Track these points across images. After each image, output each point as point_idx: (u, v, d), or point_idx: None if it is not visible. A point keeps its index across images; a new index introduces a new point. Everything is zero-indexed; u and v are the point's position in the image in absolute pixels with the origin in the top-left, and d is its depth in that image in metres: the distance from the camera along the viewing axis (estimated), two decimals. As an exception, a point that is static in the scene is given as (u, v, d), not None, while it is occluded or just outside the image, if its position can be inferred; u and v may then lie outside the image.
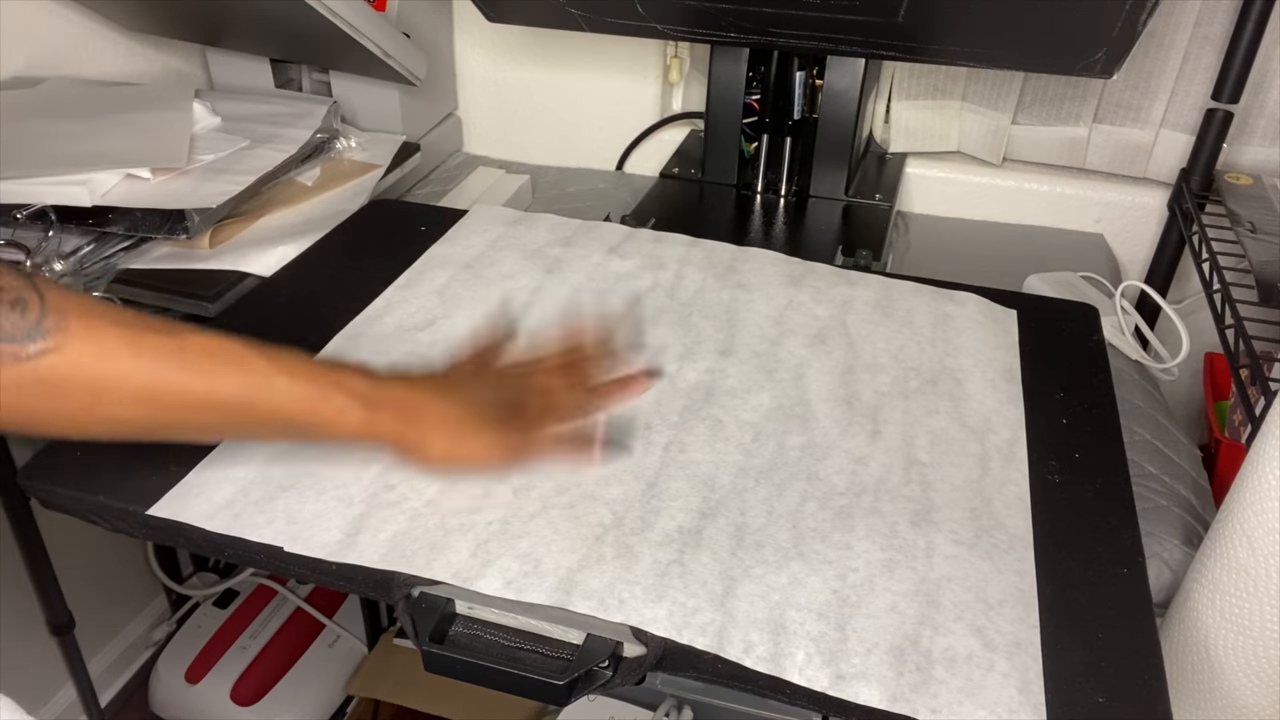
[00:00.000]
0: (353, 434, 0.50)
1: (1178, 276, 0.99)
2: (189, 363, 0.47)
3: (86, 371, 0.44)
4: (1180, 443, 0.72)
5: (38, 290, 0.44)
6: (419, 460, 0.52)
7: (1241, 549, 0.52)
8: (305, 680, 1.10)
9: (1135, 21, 0.71)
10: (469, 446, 0.52)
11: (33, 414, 0.45)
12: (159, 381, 0.46)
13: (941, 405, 0.62)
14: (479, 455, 0.53)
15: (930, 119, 1.03)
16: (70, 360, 0.44)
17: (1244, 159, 0.95)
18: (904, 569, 0.49)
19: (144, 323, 0.47)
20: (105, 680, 1.12)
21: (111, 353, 0.45)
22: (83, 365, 0.44)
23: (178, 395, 0.47)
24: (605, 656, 0.45)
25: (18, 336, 0.43)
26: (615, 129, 1.11)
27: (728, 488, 0.54)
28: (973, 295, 0.73)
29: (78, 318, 0.45)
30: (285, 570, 0.51)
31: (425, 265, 0.76)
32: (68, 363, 0.44)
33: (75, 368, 0.44)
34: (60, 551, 0.91)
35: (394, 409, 0.51)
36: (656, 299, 0.72)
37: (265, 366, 0.48)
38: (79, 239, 0.75)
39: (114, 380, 0.45)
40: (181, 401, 0.47)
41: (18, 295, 0.43)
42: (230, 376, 0.47)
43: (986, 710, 0.42)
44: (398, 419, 0.51)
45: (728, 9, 0.82)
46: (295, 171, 0.88)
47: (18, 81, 0.91)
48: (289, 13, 0.82)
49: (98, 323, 0.45)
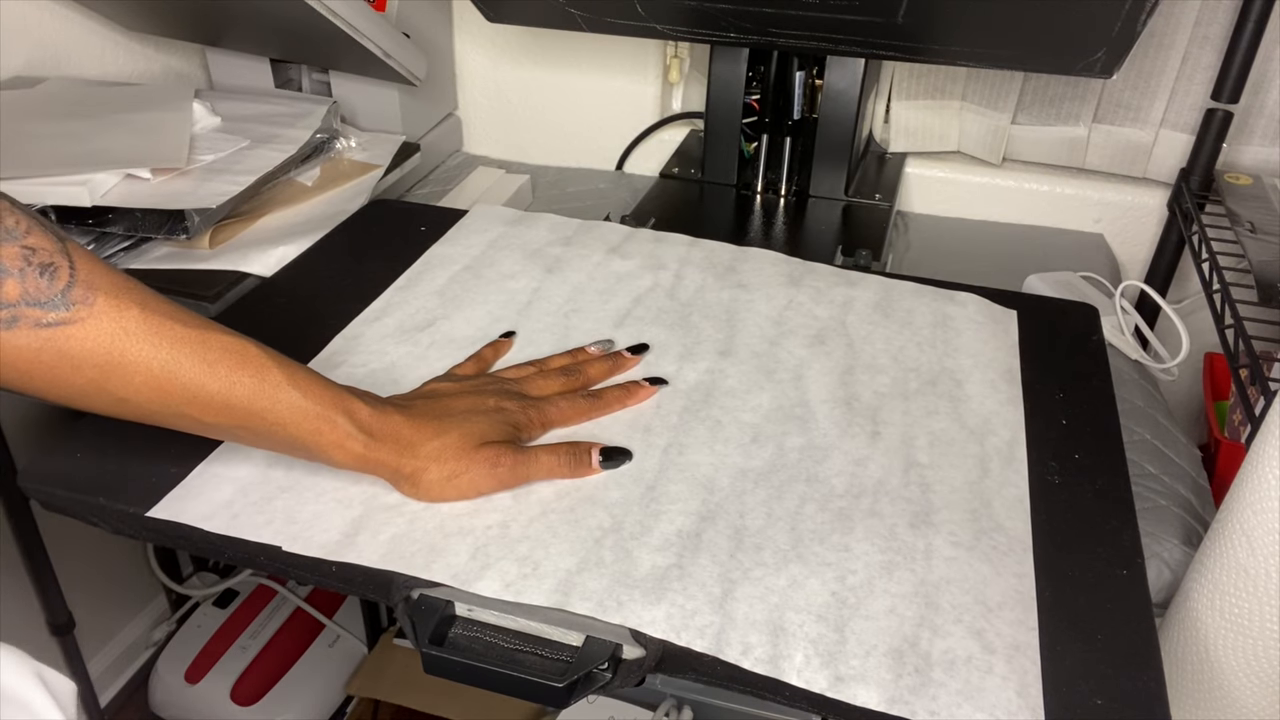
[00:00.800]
0: (351, 462, 0.51)
1: (1178, 276, 0.99)
2: (208, 360, 0.47)
3: (103, 349, 0.44)
4: (1180, 443, 0.72)
5: (70, 258, 0.44)
6: (413, 492, 0.52)
7: (1241, 549, 0.52)
8: (305, 680, 1.10)
9: (1135, 21, 0.70)
10: (465, 480, 0.52)
11: (41, 380, 0.45)
12: (174, 374, 0.46)
13: (941, 406, 0.62)
14: (474, 487, 0.52)
15: (930, 119, 1.03)
16: (89, 335, 0.44)
17: (1244, 159, 0.95)
18: (903, 571, 0.49)
19: (170, 310, 0.47)
20: (105, 680, 1.12)
21: (131, 335, 0.45)
22: (100, 343, 0.44)
23: (190, 390, 0.47)
24: (604, 658, 0.45)
25: (41, 301, 0.43)
26: (615, 129, 1.11)
27: (727, 490, 0.54)
28: (973, 296, 0.73)
29: (105, 295, 0.45)
30: (285, 571, 0.51)
31: (425, 265, 0.76)
32: (86, 337, 0.44)
33: (92, 343, 0.44)
34: (60, 551, 0.91)
35: (393, 441, 0.51)
36: (656, 299, 0.72)
37: (281, 379, 0.48)
38: (79, 239, 0.74)
39: (128, 363, 0.45)
40: (192, 397, 0.47)
41: (50, 260, 0.43)
42: (246, 382, 0.47)
43: (985, 713, 0.42)
44: (395, 453, 0.51)
45: (728, 9, 0.82)
46: (295, 171, 0.88)
47: (18, 81, 0.91)
48: (289, 13, 0.82)
49: (124, 303, 0.45)
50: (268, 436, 0.50)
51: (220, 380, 0.47)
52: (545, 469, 0.54)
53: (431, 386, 0.60)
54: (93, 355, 0.44)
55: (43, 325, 0.43)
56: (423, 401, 0.55)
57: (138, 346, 0.45)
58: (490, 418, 0.54)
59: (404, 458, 0.51)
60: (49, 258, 0.43)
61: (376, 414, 0.51)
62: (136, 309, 0.45)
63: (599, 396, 0.60)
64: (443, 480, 0.52)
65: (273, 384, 0.48)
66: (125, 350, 0.45)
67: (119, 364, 0.45)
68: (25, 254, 0.43)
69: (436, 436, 0.52)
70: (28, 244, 0.43)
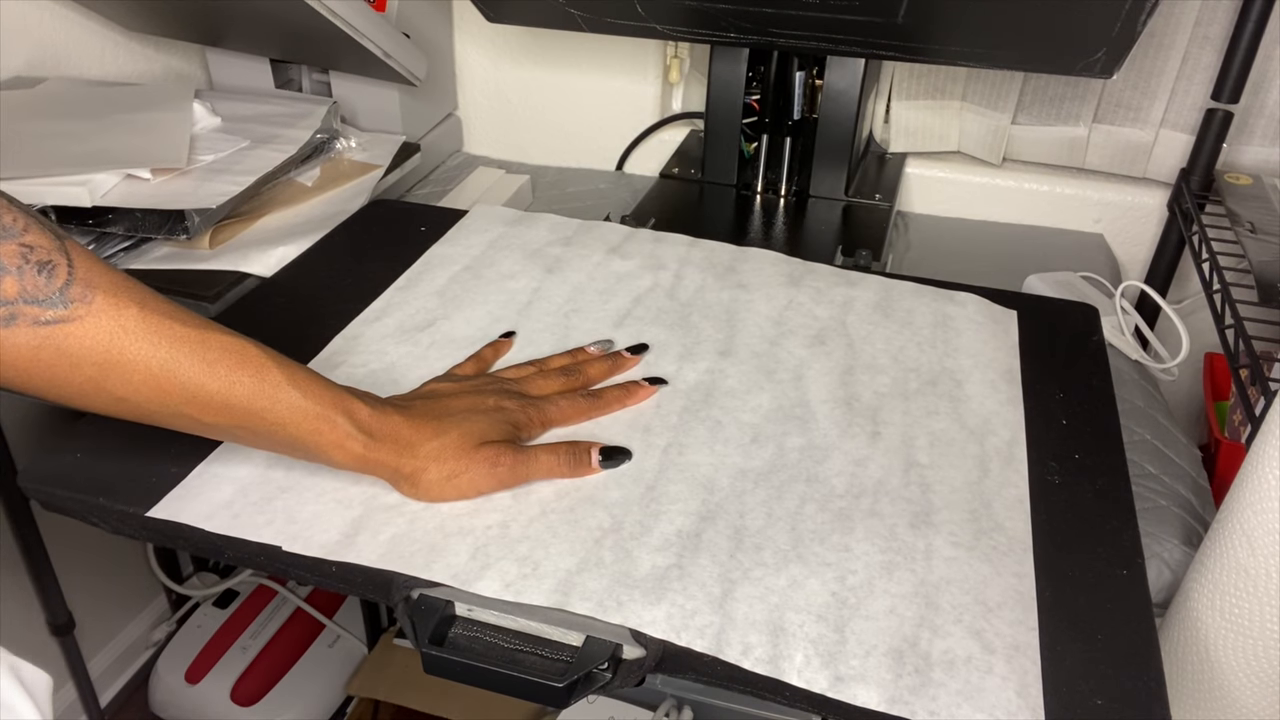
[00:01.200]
0: (350, 462, 0.51)
1: (1178, 276, 0.99)
2: (207, 360, 0.47)
3: (101, 348, 0.44)
4: (1180, 443, 0.72)
5: (69, 256, 0.44)
6: (413, 491, 0.52)
7: (1241, 549, 0.52)
8: (305, 680, 1.10)
9: (1135, 21, 0.70)
10: (464, 479, 0.52)
11: (40, 378, 0.45)
12: (173, 373, 0.46)
13: (941, 406, 0.62)
14: (473, 486, 0.52)
15: (930, 119, 1.03)
16: (87, 333, 0.44)
17: (1244, 159, 0.95)
18: (903, 571, 0.49)
19: (169, 310, 0.47)
20: (105, 680, 1.12)
21: (130, 334, 0.45)
22: (99, 341, 0.44)
23: (189, 390, 0.46)
24: (604, 658, 0.45)
25: (39, 299, 0.43)
26: (615, 129, 1.11)
27: (727, 490, 0.54)
28: (973, 296, 0.73)
29: (104, 293, 0.44)
30: (285, 571, 0.51)
31: (425, 265, 0.76)
32: (84, 335, 0.44)
33: (91, 341, 0.44)
34: (60, 551, 0.91)
35: (393, 441, 0.51)
36: (656, 299, 0.72)
37: (281, 379, 0.48)
38: (79, 239, 0.75)
39: (127, 362, 0.45)
40: (191, 396, 0.47)
41: (48, 257, 0.43)
42: (245, 382, 0.47)
43: (985, 713, 0.42)
44: (395, 453, 0.51)
45: (728, 9, 0.82)
46: (295, 172, 0.88)
47: (18, 81, 0.91)
48: (289, 13, 0.82)
49: (123, 302, 0.45)
50: (267, 436, 0.49)
51: (219, 380, 0.47)
52: (545, 468, 0.54)
53: (431, 387, 0.60)
54: (91, 353, 0.44)
55: (41, 323, 0.43)
56: (422, 402, 0.55)
57: (136, 345, 0.45)
58: (490, 417, 0.54)
59: (403, 458, 0.51)
60: (47, 255, 0.43)
61: (376, 414, 0.51)
62: (135, 308, 0.45)
63: (599, 396, 0.60)
64: (442, 480, 0.52)
65: (272, 384, 0.48)
66: (124, 349, 0.45)
67: (117, 362, 0.45)
68: (23, 251, 0.43)
69: (436, 436, 0.52)
70: (26, 241, 0.43)
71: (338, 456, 0.50)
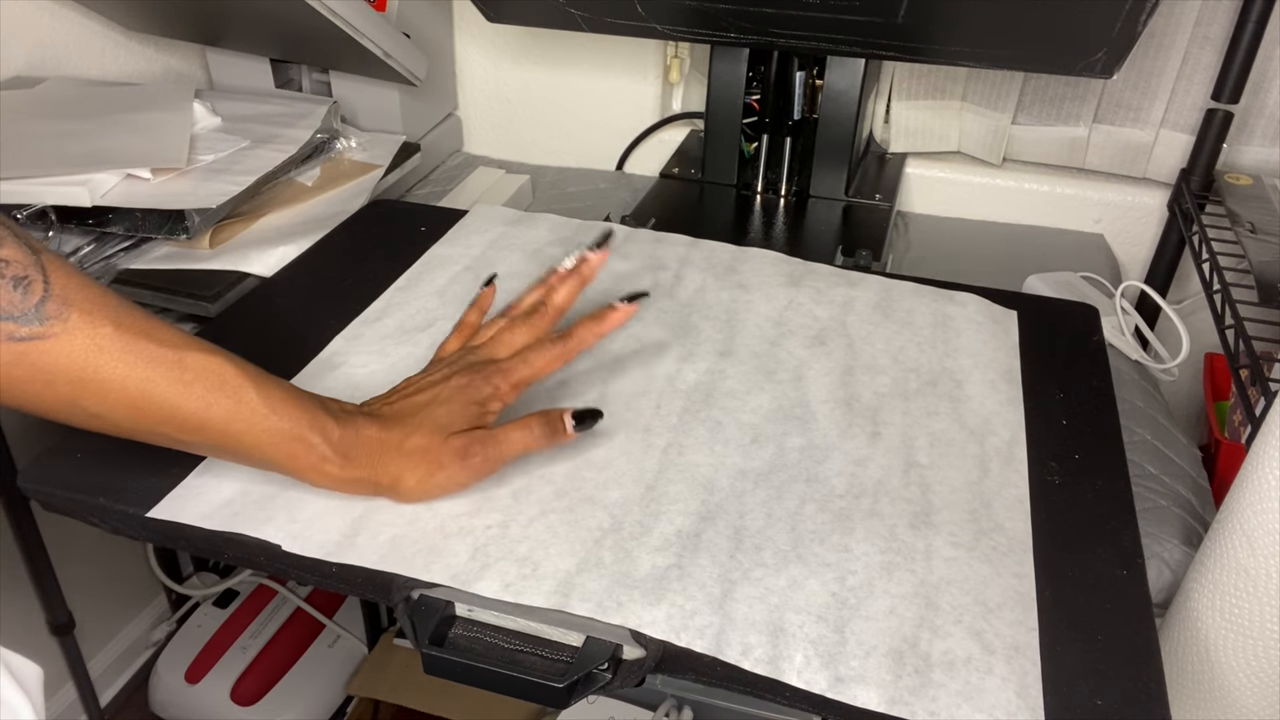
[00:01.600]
0: (328, 484, 0.51)
1: (1178, 277, 0.99)
2: (184, 380, 0.46)
3: (76, 366, 0.44)
4: (1180, 443, 0.72)
5: (45, 272, 0.44)
6: (398, 498, 0.52)
7: (1241, 549, 0.52)
8: (305, 680, 1.10)
9: (1135, 21, 0.70)
10: (442, 477, 0.52)
11: (14, 393, 0.44)
12: (148, 393, 0.46)
13: (941, 407, 0.62)
14: (453, 482, 0.52)
15: (930, 119, 1.03)
16: (62, 350, 0.44)
17: (1244, 159, 0.95)
18: (903, 571, 0.49)
19: (146, 328, 0.46)
20: (105, 680, 1.12)
21: (105, 353, 0.45)
22: (74, 359, 0.44)
23: (165, 410, 0.46)
24: (604, 659, 0.45)
25: (14, 315, 0.43)
26: (615, 129, 1.11)
27: (726, 490, 0.54)
28: (973, 296, 0.73)
29: (80, 311, 0.44)
30: (285, 572, 0.51)
31: (425, 266, 0.76)
32: (59, 352, 0.44)
33: (66, 359, 0.44)
34: (60, 551, 0.91)
35: (366, 456, 0.51)
36: (656, 299, 0.72)
37: (257, 401, 0.48)
38: (79, 239, 0.75)
39: (102, 381, 0.45)
40: (168, 416, 0.46)
41: (23, 273, 0.43)
42: (222, 404, 0.47)
43: (985, 714, 0.42)
44: (370, 467, 0.51)
45: (728, 9, 0.82)
46: (295, 172, 0.88)
47: (18, 81, 0.91)
48: (289, 13, 0.82)
49: (99, 320, 0.45)
50: (246, 457, 0.49)
51: (196, 401, 0.46)
52: (520, 445, 0.53)
53: (404, 381, 0.57)
54: (66, 371, 0.44)
55: (15, 339, 0.43)
56: (389, 406, 0.54)
57: (111, 364, 0.45)
58: (451, 405, 0.53)
59: (379, 470, 0.51)
60: (23, 270, 0.43)
61: (348, 431, 0.50)
62: (110, 326, 0.45)
63: (569, 337, 0.56)
64: (419, 484, 0.51)
65: (249, 406, 0.47)
66: (99, 367, 0.44)
67: (93, 380, 0.44)
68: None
69: (405, 439, 0.51)
70: (1, 256, 0.43)
71: (315, 479, 0.50)
